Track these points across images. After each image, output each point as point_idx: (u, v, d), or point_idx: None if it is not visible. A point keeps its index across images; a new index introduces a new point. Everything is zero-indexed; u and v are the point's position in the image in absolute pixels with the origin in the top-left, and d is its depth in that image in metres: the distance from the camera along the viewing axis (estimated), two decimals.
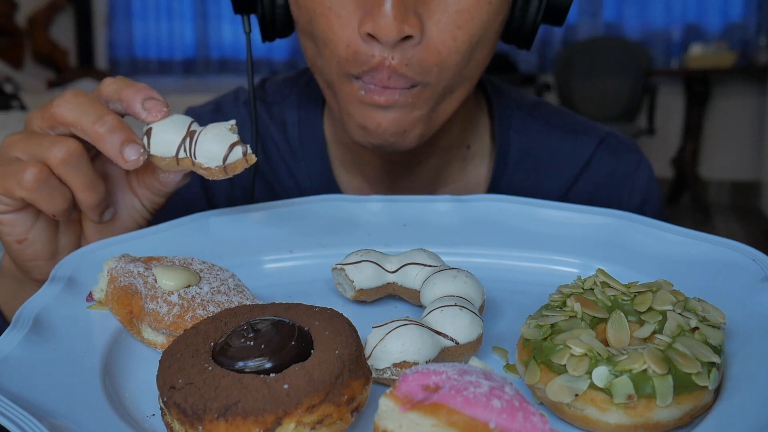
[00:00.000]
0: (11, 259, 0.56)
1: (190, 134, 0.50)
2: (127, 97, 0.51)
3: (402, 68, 0.57)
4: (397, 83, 0.58)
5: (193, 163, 0.50)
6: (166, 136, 0.50)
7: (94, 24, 5.65)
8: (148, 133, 0.51)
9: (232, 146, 0.49)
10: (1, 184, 0.51)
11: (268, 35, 0.68)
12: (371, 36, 0.56)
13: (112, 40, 5.66)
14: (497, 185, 0.77)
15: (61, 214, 0.52)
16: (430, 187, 0.78)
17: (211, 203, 0.80)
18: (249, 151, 0.49)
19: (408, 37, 0.56)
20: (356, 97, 0.60)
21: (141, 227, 0.59)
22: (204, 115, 0.83)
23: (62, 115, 0.51)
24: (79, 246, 0.57)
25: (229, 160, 0.49)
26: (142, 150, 0.50)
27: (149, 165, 0.55)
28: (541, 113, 0.81)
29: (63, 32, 5.51)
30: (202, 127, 0.51)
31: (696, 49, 4.51)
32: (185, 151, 0.50)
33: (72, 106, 0.50)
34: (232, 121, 0.51)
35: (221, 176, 0.50)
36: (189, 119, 0.51)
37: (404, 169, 0.75)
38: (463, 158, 0.78)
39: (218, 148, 0.49)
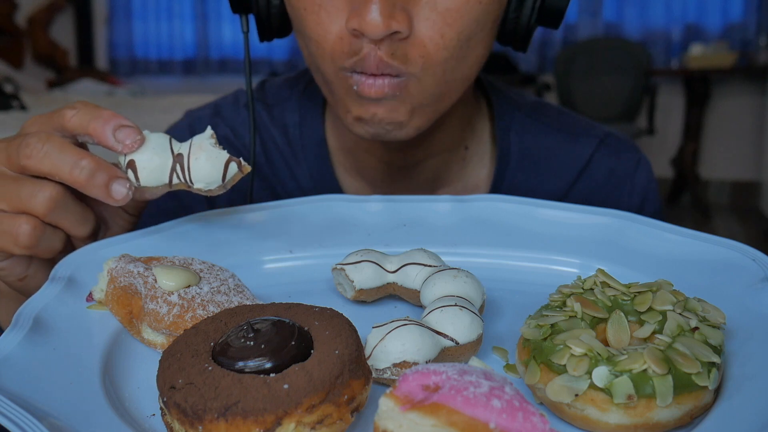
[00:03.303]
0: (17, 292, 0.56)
1: (178, 158, 0.48)
2: (96, 131, 0.49)
3: (388, 57, 0.58)
4: (385, 70, 0.58)
5: (190, 187, 0.49)
6: (152, 164, 0.48)
7: (94, 24, 5.66)
8: (132, 165, 0.48)
9: (226, 164, 0.48)
10: None
11: (265, 35, 0.68)
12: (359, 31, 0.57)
13: (112, 40, 5.67)
14: (498, 186, 0.78)
15: (59, 253, 0.53)
16: (430, 188, 0.78)
17: (212, 204, 0.80)
18: (243, 162, 0.49)
19: (395, 32, 0.57)
20: (351, 91, 0.61)
21: (128, 231, 0.59)
22: (203, 119, 0.83)
23: (34, 167, 0.48)
24: None
25: (228, 178, 0.48)
26: (128, 184, 0.48)
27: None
28: (541, 114, 0.81)
29: (63, 32, 5.51)
30: (184, 145, 0.49)
31: (696, 49, 4.51)
32: (178, 177, 0.48)
33: (42, 156, 0.48)
34: (211, 132, 0.49)
35: (220, 192, 0.49)
36: (166, 137, 0.49)
37: (403, 171, 0.76)
38: (462, 159, 0.78)
39: (214, 170, 0.48)
